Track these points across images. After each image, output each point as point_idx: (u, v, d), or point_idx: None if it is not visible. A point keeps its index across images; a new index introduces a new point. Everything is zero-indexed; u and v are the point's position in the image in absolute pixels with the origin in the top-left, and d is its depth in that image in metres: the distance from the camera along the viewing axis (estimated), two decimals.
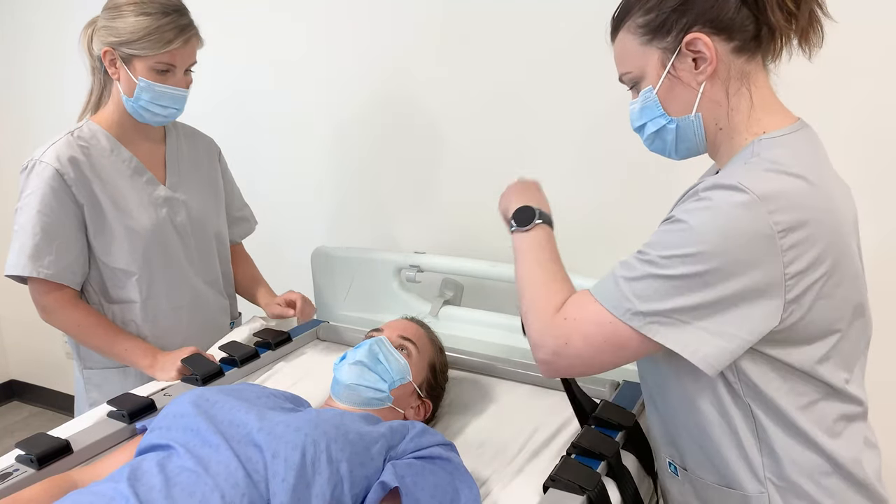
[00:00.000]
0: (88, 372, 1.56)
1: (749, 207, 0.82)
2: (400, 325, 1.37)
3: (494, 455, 1.23)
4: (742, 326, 0.85)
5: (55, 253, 1.41)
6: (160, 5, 1.39)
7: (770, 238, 0.82)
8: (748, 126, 0.93)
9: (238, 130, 2.23)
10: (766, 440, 0.93)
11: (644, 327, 0.87)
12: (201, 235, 1.61)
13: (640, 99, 0.97)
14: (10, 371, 3.29)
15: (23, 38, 2.65)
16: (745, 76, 0.92)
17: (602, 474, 1.12)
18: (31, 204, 1.40)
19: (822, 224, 0.85)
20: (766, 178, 0.85)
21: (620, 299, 0.89)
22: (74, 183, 1.42)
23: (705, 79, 0.91)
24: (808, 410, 0.92)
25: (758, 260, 0.83)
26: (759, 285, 0.84)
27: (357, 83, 2.05)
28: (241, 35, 2.17)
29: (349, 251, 1.85)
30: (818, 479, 0.93)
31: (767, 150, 0.89)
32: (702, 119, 0.94)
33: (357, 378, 1.22)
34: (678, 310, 0.86)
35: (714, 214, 0.84)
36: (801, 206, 0.84)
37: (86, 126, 1.48)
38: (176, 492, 0.91)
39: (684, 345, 0.86)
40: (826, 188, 0.88)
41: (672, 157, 1.01)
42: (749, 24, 0.89)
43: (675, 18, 0.90)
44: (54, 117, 2.59)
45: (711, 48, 0.89)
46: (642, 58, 0.94)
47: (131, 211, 1.48)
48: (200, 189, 1.62)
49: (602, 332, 0.91)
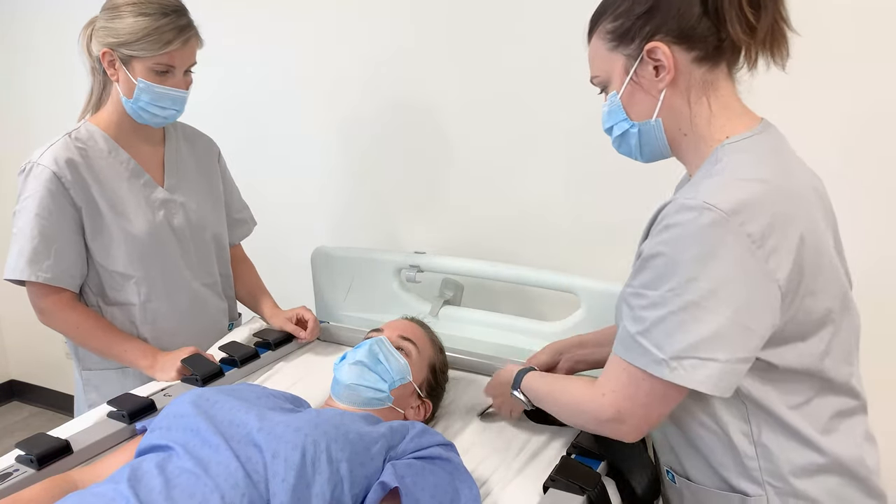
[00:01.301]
0: (87, 373, 1.56)
1: (720, 225, 0.83)
2: (400, 326, 1.37)
3: (494, 455, 1.23)
4: (750, 342, 0.86)
5: (53, 256, 1.41)
6: (159, 6, 1.38)
7: (748, 249, 0.83)
8: (711, 133, 0.94)
9: (239, 130, 2.23)
10: (760, 442, 0.93)
11: (670, 374, 0.87)
12: (199, 237, 1.60)
13: (607, 102, 1.00)
14: (10, 371, 3.29)
15: (22, 38, 2.65)
16: (706, 85, 0.93)
17: (602, 474, 1.12)
18: (29, 207, 1.40)
19: (793, 221, 0.86)
20: (729, 190, 0.86)
21: (645, 354, 0.89)
22: (72, 186, 1.41)
23: (665, 86, 0.93)
24: (801, 409, 0.92)
25: (744, 273, 0.84)
26: (755, 296, 0.84)
27: (358, 84, 2.05)
28: (245, 36, 2.17)
29: (349, 251, 1.85)
30: (816, 477, 0.93)
31: (729, 156, 0.90)
32: (662, 125, 0.96)
33: (357, 378, 1.22)
34: (692, 346, 0.85)
35: (689, 240, 0.85)
36: (768, 210, 0.84)
37: (84, 127, 1.48)
38: (176, 493, 0.91)
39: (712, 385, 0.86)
40: (791, 185, 0.90)
41: (638, 159, 1.03)
42: (711, 35, 0.91)
43: (640, 26, 0.92)
44: (53, 118, 2.59)
45: (670, 57, 0.91)
46: (609, 63, 0.97)
47: (129, 214, 1.48)
48: (199, 191, 1.62)
49: (643, 389, 0.90)
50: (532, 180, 1.85)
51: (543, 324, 1.64)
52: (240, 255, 1.81)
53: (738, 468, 0.95)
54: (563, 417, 1.10)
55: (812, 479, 0.93)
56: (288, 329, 1.64)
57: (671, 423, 1.02)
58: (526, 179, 1.86)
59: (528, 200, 1.87)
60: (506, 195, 1.91)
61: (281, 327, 1.65)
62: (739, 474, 0.95)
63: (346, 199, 2.18)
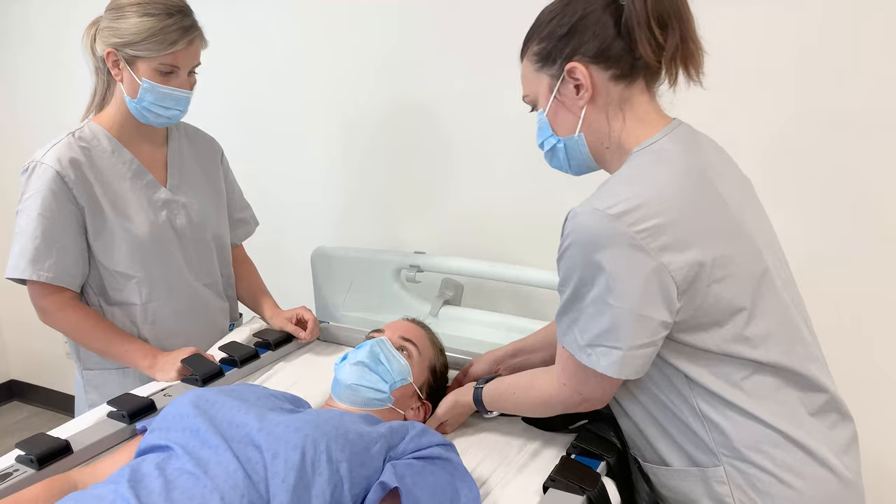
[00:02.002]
0: (88, 373, 1.56)
1: (609, 227, 0.91)
2: (401, 326, 1.37)
3: (494, 455, 1.23)
4: (648, 329, 0.93)
5: (55, 256, 1.41)
6: (164, 6, 1.38)
7: (638, 247, 0.90)
8: (629, 143, 1.01)
9: (239, 130, 2.23)
10: (707, 417, 0.99)
11: (587, 360, 0.97)
12: (201, 238, 1.60)
13: (537, 120, 1.08)
14: (10, 371, 3.29)
15: (21, 37, 2.65)
16: (623, 101, 1.00)
17: (602, 474, 1.12)
18: (32, 206, 1.40)
19: (692, 216, 0.93)
20: (620, 194, 0.93)
21: (574, 341, 0.99)
22: (75, 185, 1.41)
23: (585, 104, 1.01)
24: (740, 386, 0.98)
25: (636, 269, 0.91)
26: (649, 289, 0.91)
27: (358, 83, 2.05)
28: (248, 35, 2.17)
29: (349, 251, 1.85)
30: (766, 449, 0.98)
31: (632, 162, 0.99)
32: (585, 139, 1.03)
33: (358, 378, 1.22)
34: (598, 335, 0.95)
35: (584, 244, 0.93)
36: (658, 209, 0.91)
37: (87, 127, 1.48)
38: (176, 495, 0.91)
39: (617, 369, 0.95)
40: (693, 179, 0.96)
41: (569, 172, 1.11)
42: (626, 55, 0.97)
43: (560, 48, 1.00)
44: (53, 117, 2.59)
45: (587, 77, 0.99)
46: (536, 83, 1.05)
47: (131, 214, 1.48)
48: (201, 191, 1.62)
49: (587, 373, 0.99)
50: (532, 180, 1.85)
51: (543, 324, 1.64)
52: (241, 256, 1.81)
53: (695, 443, 1.01)
54: (535, 415, 1.21)
55: (762, 450, 0.98)
56: (288, 329, 1.64)
57: (631, 414, 1.09)
58: (526, 179, 1.86)
59: (528, 200, 1.87)
60: (506, 195, 1.91)
61: (281, 327, 1.65)
62: (698, 448, 1.02)
63: (346, 199, 2.18)
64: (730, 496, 0.99)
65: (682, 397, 1.00)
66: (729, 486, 0.99)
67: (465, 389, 1.27)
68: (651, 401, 1.05)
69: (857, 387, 1.35)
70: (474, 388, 1.24)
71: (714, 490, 1.01)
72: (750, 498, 0.98)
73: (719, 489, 1.00)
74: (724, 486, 1.00)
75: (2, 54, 2.74)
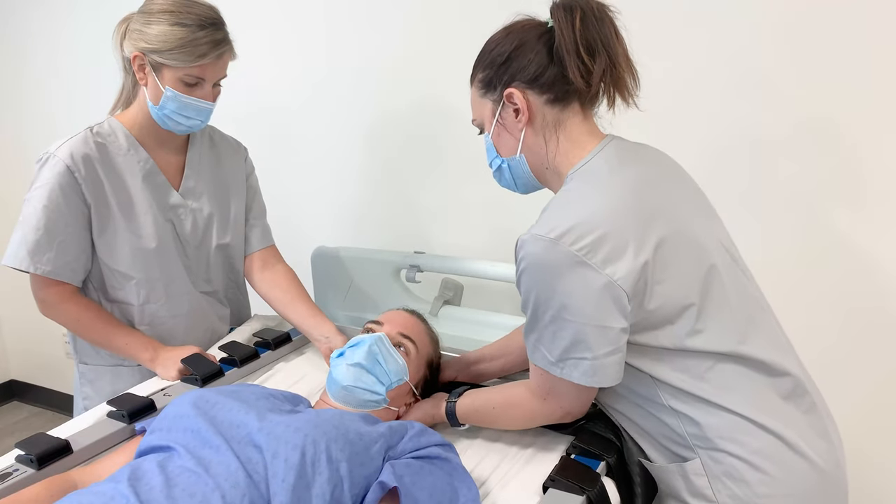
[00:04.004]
0: (83, 367, 1.56)
1: (551, 250, 0.96)
2: (399, 320, 1.35)
3: (494, 455, 1.23)
4: (609, 338, 0.98)
5: (55, 250, 1.40)
6: (197, 17, 1.35)
7: (581, 263, 0.95)
8: (563, 166, 1.07)
9: (239, 130, 2.23)
10: (679, 413, 1.03)
11: (560, 373, 1.02)
12: (205, 245, 1.59)
13: (484, 142, 1.15)
14: (10, 371, 3.29)
15: (20, 37, 2.65)
16: (558, 123, 1.06)
17: (602, 474, 1.12)
18: (38, 197, 1.39)
19: (626, 226, 0.97)
20: (557, 217, 0.99)
21: (543, 357, 1.03)
22: (84, 181, 1.40)
23: (524, 126, 1.07)
24: (704, 378, 1.01)
25: (585, 284, 0.95)
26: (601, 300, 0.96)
27: (357, 86, 2.05)
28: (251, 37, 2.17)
29: (349, 251, 1.85)
30: (737, 437, 1.00)
31: (569, 184, 1.05)
32: (525, 159, 1.10)
33: (354, 380, 1.20)
34: (565, 350, 1.00)
35: (532, 269, 0.98)
36: (594, 226, 0.96)
37: (107, 123, 1.47)
38: (176, 492, 0.91)
39: (588, 378, 1.00)
40: (623, 192, 1.01)
41: (516, 191, 1.17)
42: (559, 80, 1.04)
43: (500, 75, 1.07)
44: (52, 114, 2.59)
45: (523, 101, 1.05)
46: (482, 108, 1.12)
47: (138, 215, 1.47)
48: (216, 198, 1.60)
49: (562, 387, 1.04)
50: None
51: None
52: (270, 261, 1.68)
53: (672, 438, 1.05)
54: (516, 428, 1.23)
55: (735, 439, 1.00)
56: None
57: (619, 412, 1.13)
58: None
59: (528, 200, 1.87)
60: (506, 195, 1.90)
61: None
62: (675, 443, 1.05)
63: (347, 200, 2.18)
64: (708, 487, 1.02)
65: (651, 397, 1.04)
66: (707, 478, 1.02)
67: (435, 401, 1.28)
68: (626, 404, 1.09)
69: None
70: (447, 403, 1.25)
71: (693, 483, 1.04)
72: (727, 486, 1.01)
73: (698, 482, 1.03)
74: (703, 477, 1.02)
75: (2, 55, 2.75)
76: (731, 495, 1.01)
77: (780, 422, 1.01)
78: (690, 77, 1.62)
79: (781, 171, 1.59)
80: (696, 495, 1.04)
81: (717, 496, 1.02)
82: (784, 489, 1.00)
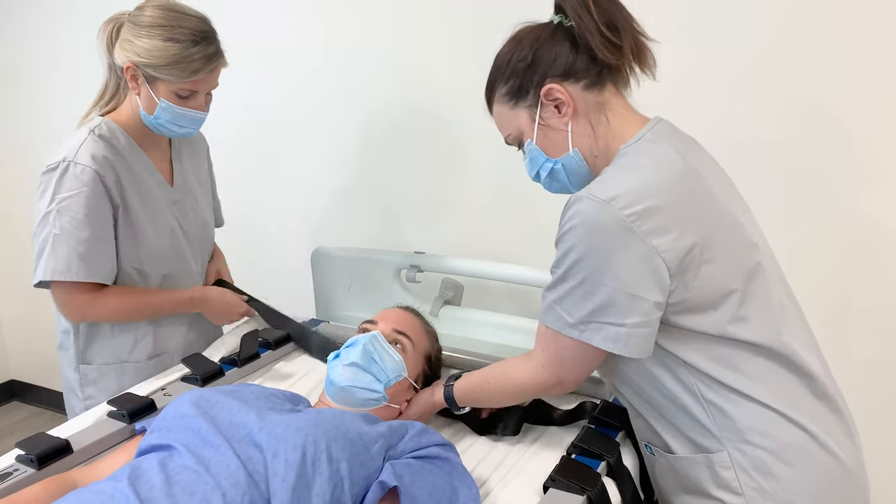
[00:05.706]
0: (85, 367, 1.54)
1: (601, 210, 0.96)
2: (393, 317, 1.34)
3: (494, 455, 1.23)
4: (641, 309, 0.97)
5: (104, 256, 1.41)
6: (189, 32, 1.35)
7: (628, 229, 0.94)
8: (614, 143, 1.06)
9: (238, 130, 2.23)
10: (710, 403, 1.01)
11: (579, 336, 1.01)
12: (204, 236, 1.62)
13: (526, 153, 1.12)
14: (10, 371, 3.29)
15: (18, 37, 2.65)
16: (601, 106, 1.06)
17: (602, 474, 1.12)
18: (75, 208, 1.36)
19: (680, 203, 0.97)
20: (610, 182, 0.99)
21: (559, 319, 1.02)
22: (112, 185, 1.41)
23: (569, 118, 1.06)
24: (740, 370, 1.00)
25: (626, 250, 0.95)
26: (639, 269, 0.95)
27: (358, 85, 2.05)
28: (248, 37, 2.16)
29: (349, 251, 1.85)
30: (768, 429, 1.00)
31: (622, 158, 1.03)
32: (580, 152, 1.07)
33: (351, 380, 1.20)
34: (591, 312, 0.99)
35: (578, 226, 0.98)
36: (647, 195, 0.96)
37: (104, 124, 1.45)
38: (177, 490, 0.91)
39: (611, 344, 0.99)
40: (681, 171, 1.00)
41: (571, 192, 1.11)
42: (589, 64, 1.04)
43: (529, 78, 1.06)
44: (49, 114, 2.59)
45: (565, 92, 1.04)
46: (515, 119, 1.10)
47: (153, 213, 1.48)
48: (198, 188, 1.63)
49: (567, 352, 1.04)
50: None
51: None
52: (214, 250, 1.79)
53: (699, 429, 1.03)
54: (509, 403, 1.24)
55: (763, 432, 1.00)
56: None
57: (635, 402, 1.11)
58: (526, 179, 1.85)
59: (528, 200, 1.87)
60: (506, 195, 1.91)
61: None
62: (701, 434, 1.03)
63: (347, 199, 2.18)
64: (735, 480, 1.01)
65: (682, 384, 1.03)
66: (734, 471, 1.01)
67: (433, 389, 1.29)
68: (652, 391, 1.07)
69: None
70: (444, 387, 1.25)
71: (719, 475, 1.02)
72: (754, 480, 1.00)
73: (724, 474, 1.02)
74: (730, 470, 1.01)
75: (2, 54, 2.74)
76: (758, 488, 1.00)
77: (810, 418, 1.00)
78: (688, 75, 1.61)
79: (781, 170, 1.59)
80: (721, 487, 1.03)
81: (743, 489, 1.01)
82: (811, 485, 1.00)
